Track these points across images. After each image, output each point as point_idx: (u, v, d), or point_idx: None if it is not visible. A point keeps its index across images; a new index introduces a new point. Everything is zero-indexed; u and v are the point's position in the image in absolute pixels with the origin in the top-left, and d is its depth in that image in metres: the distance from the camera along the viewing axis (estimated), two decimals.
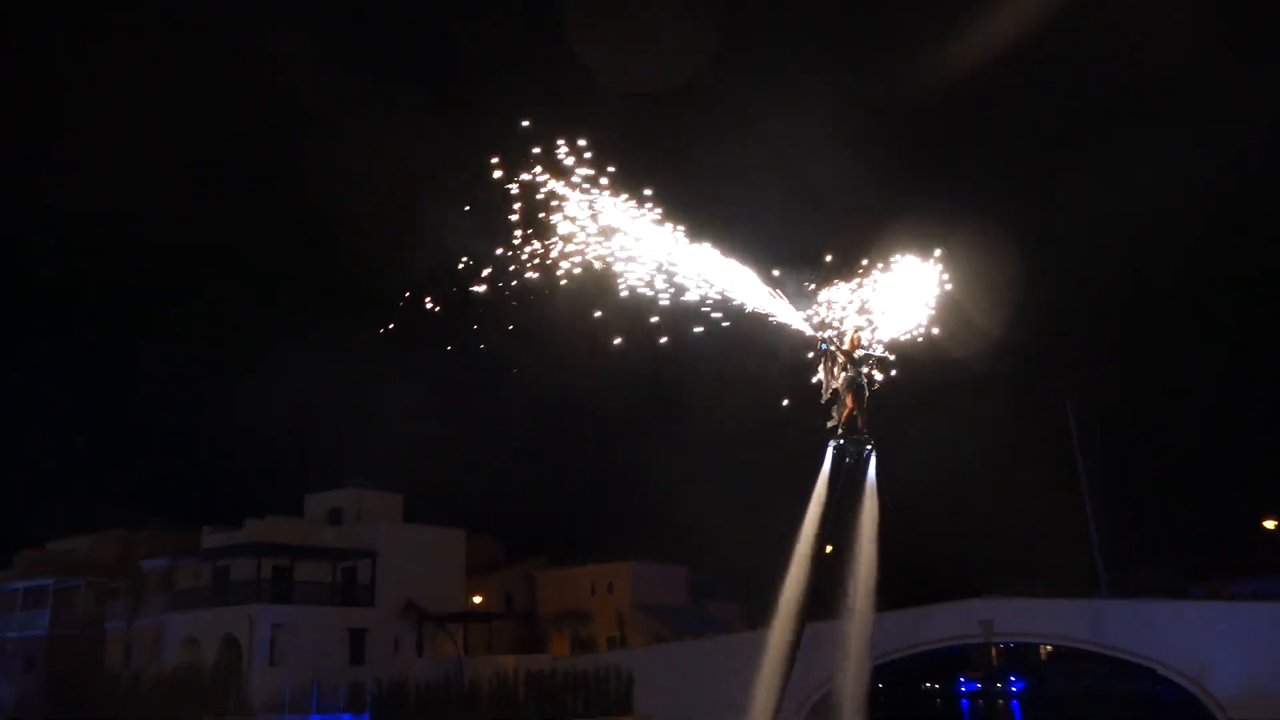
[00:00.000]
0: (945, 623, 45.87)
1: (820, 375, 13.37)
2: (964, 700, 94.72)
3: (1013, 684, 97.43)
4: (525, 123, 13.87)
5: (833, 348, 12.77)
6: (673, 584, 67.01)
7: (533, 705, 46.06)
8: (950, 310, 13.86)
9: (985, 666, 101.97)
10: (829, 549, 14.05)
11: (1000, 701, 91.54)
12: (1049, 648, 73.80)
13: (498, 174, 13.83)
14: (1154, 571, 78.67)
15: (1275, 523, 59.34)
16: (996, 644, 58.50)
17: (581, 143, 13.80)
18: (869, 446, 13.02)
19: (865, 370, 12.89)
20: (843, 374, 12.95)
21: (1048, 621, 46.04)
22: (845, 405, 12.97)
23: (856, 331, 12.99)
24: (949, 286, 13.76)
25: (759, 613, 67.91)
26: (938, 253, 13.77)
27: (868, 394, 13.03)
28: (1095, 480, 50.94)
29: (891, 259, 13.79)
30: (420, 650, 52.24)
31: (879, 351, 13.01)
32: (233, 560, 50.42)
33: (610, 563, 64.53)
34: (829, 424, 13.60)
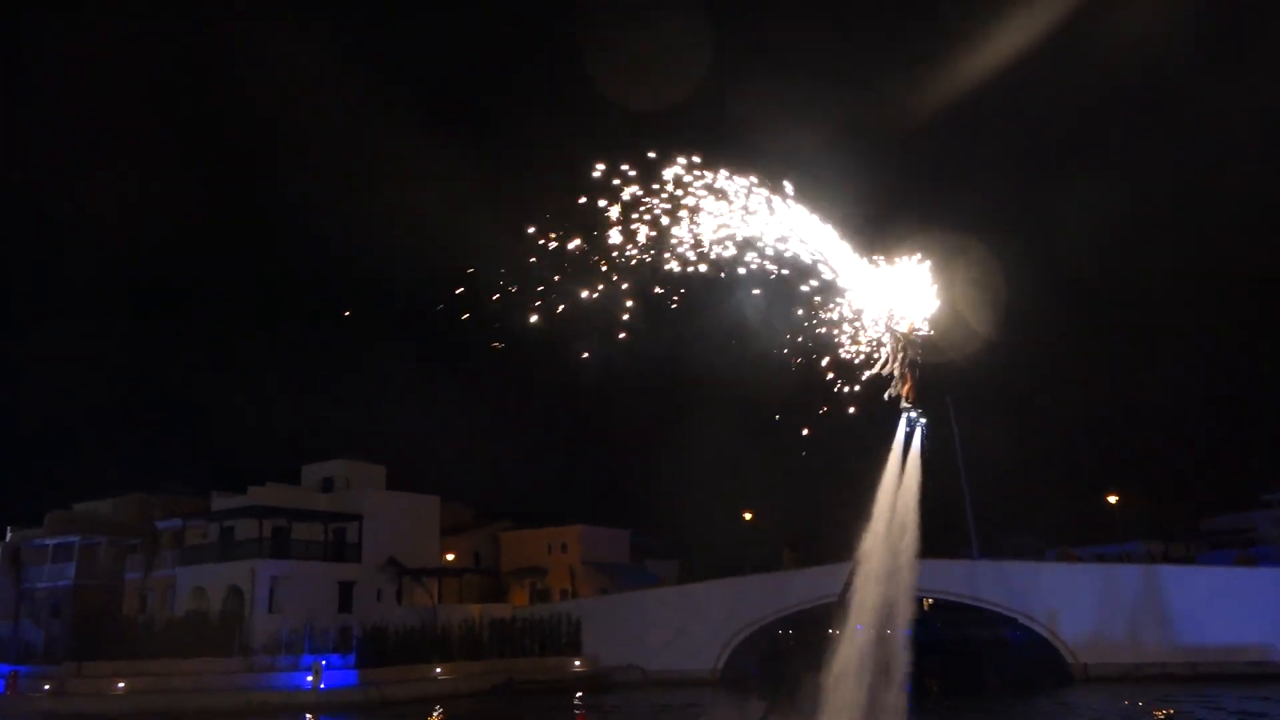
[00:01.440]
0: (845, 577, 46.53)
1: (885, 354, 13.29)
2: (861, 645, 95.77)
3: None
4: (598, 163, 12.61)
5: (899, 330, 12.88)
6: (618, 544, 67.24)
7: (495, 647, 46.07)
8: (946, 312, 13.58)
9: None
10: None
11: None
12: (931, 600, 75.12)
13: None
14: (1018, 539, 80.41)
15: (1116, 498, 60.96)
16: None
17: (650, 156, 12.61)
18: (923, 418, 13.16)
19: (916, 352, 13.03)
20: (901, 353, 13.05)
21: (931, 578, 46.84)
22: (906, 381, 13.01)
23: (910, 319, 13.03)
24: (935, 289, 13.27)
25: (690, 570, 68.62)
26: (922, 259, 13.25)
27: (918, 373, 13.01)
28: (973, 464, 51.97)
29: (894, 259, 13.24)
30: (400, 600, 52.00)
31: (923, 334, 13.06)
32: (237, 521, 49.92)
33: (564, 526, 64.61)
34: (887, 395, 13.50)
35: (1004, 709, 32.50)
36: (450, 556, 59.78)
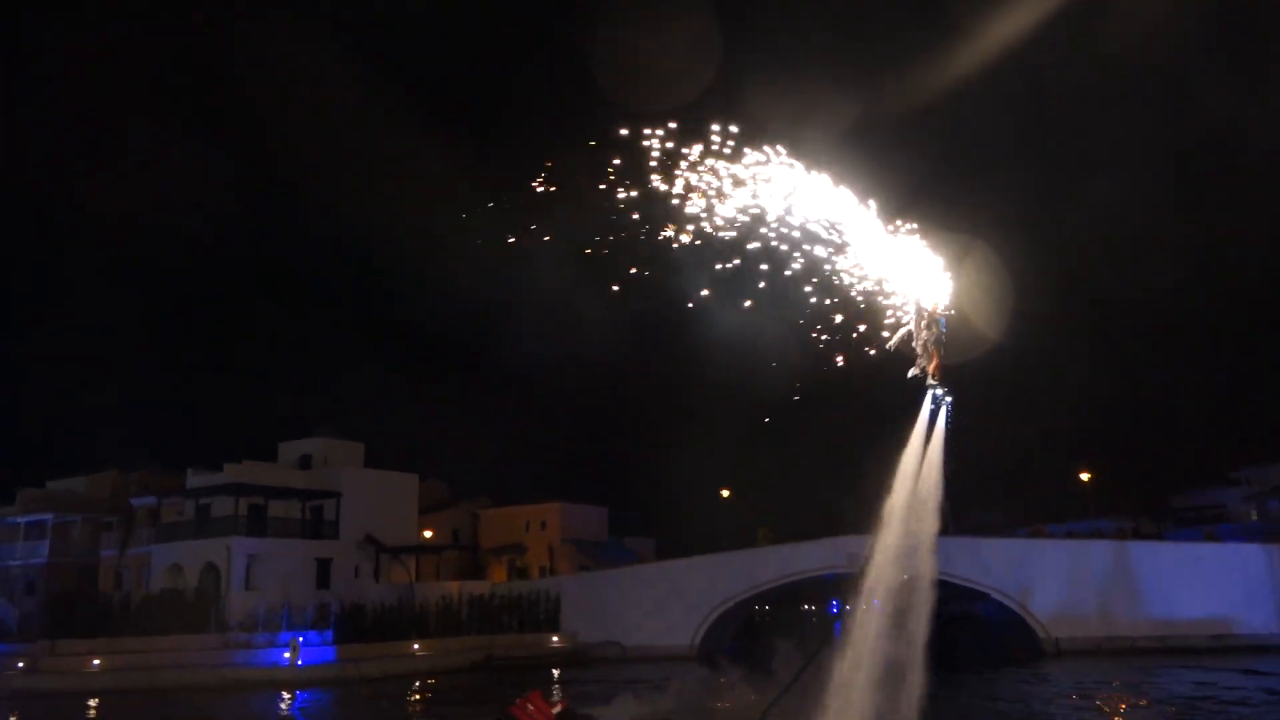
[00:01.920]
0: (820, 555, 47.01)
1: (909, 331, 13.24)
2: (836, 621, 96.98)
3: (875, 605, 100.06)
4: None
5: (926, 307, 12.94)
6: (597, 521, 67.49)
7: (474, 623, 46.21)
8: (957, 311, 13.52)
9: (852, 592, 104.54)
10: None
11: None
12: (904, 576, 75.84)
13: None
14: (989, 515, 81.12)
15: (1088, 476, 61.71)
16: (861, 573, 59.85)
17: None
18: (949, 396, 13.15)
19: (940, 331, 13.01)
20: (925, 332, 13.06)
21: (905, 554, 47.40)
22: (933, 359, 13.09)
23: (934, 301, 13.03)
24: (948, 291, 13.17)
25: (668, 547, 68.73)
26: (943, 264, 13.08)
27: (943, 350, 13.01)
28: (948, 442, 52.26)
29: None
30: (377, 577, 52.05)
31: (945, 314, 13.05)
32: (213, 499, 49.68)
33: (543, 503, 64.75)
34: (910, 374, 13.44)
35: (980, 683, 32.97)
36: (428, 534, 59.81)
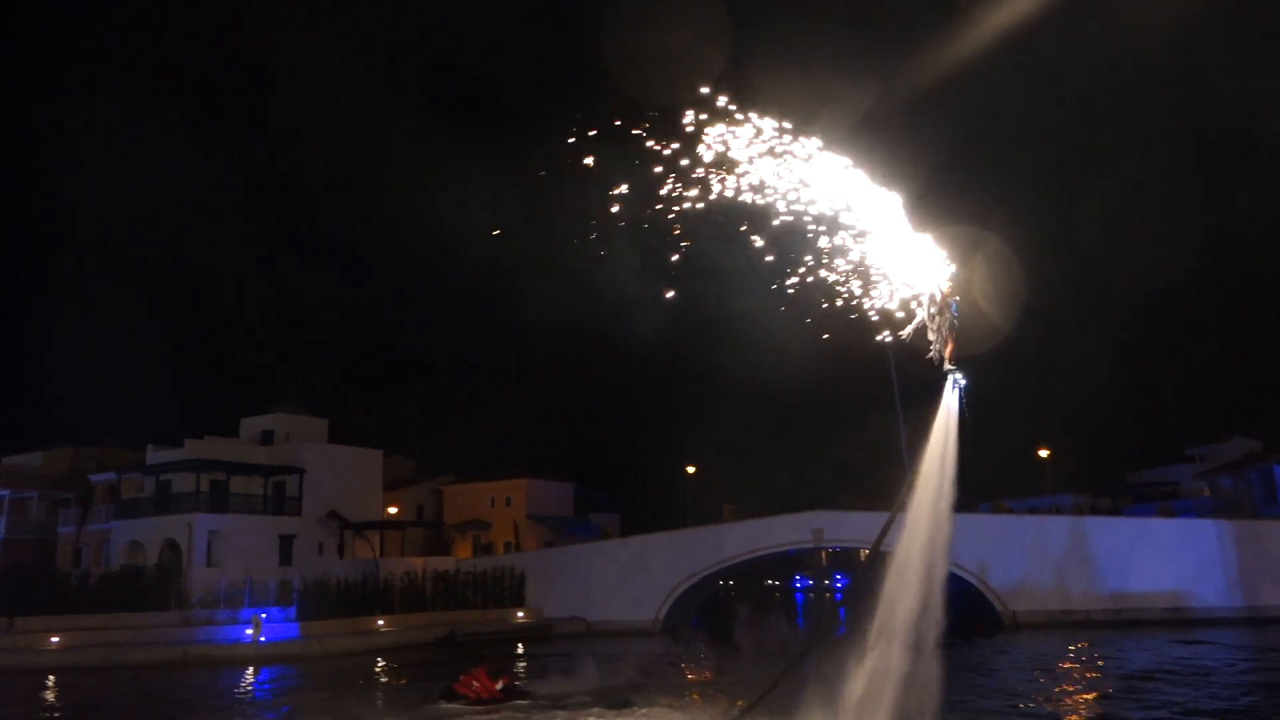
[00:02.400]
0: (785, 531, 47.41)
1: (923, 316, 13.04)
2: (799, 594, 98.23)
3: (837, 580, 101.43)
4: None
5: (941, 292, 12.84)
6: (562, 497, 67.54)
7: (438, 599, 46.13)
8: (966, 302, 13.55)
9: (816, 567, 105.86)
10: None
11: (827, 595, 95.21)
12: (867, 550, 76.87)
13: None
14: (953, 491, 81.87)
15: (1048, 452, 62.64)
16: (825, 548, 60.68)
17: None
18: (964, 379, 13.12)
19: (953, 316, 12.99)
20: (937, 317, 12.95)
21: (867, 529, 47.85)
22: (947, 342, 13.00)
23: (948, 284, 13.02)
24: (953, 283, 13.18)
25: (633, 523, 69.10)
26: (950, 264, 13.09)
27: (955, 333, 12.97)
28: (911, 418, 52.83)
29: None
30: (341, 553, 51.80)
31: (955, 300, 12.96)
32: (174, 475, 49.10)
33: (508, 479, 64.67)
34: (928, 356, 13.31)
35: (943, 655, 33.51)
36: (393, 510, 59.55)
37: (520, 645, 40.46)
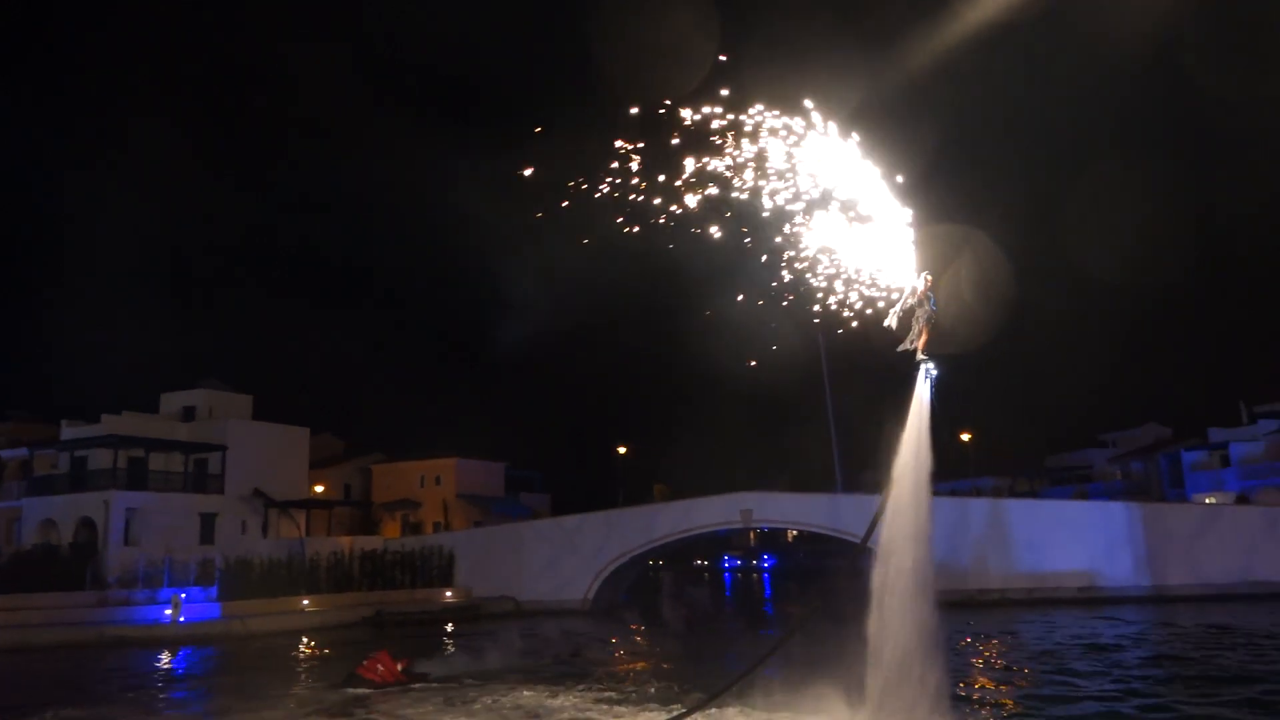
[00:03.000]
0: (714, 511, 47.93)
1: (905, 306, 13.57)
2: (727, 574, 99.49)
3: (765, 560, 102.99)
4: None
5: (921, 287, 13.45)
6: (492, 477, 67.27)
7: (366, 579, 45.68)
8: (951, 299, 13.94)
9: (745, 547, 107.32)
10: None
11: (755, 575, 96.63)
12: (795, 532, 78.23)
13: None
14: (879, 474, 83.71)
15: (969, 435, 64.26)
16: (754, 528, 61.53)
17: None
18: (935, 367, 13.80)
19: (931, 310, 13.53)
20: (916, 309, 13.51)
21: (795, 510, 48.78)
22: (922, 333, 13.60)
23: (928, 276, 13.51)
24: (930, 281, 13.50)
25: (563, 503, 69.15)
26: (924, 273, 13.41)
27: (931, 325, 13.60)
28: (840, 404, 53.85)
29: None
30: (265, 532, 50.92)
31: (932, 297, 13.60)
32: (90, 451, 47.65)
33: (438, 459, 64.16)
34: (900, 349, 13.80)
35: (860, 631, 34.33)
36: (319, 489, 58.69)
37: (449, 625, 40.31)
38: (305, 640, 33.96)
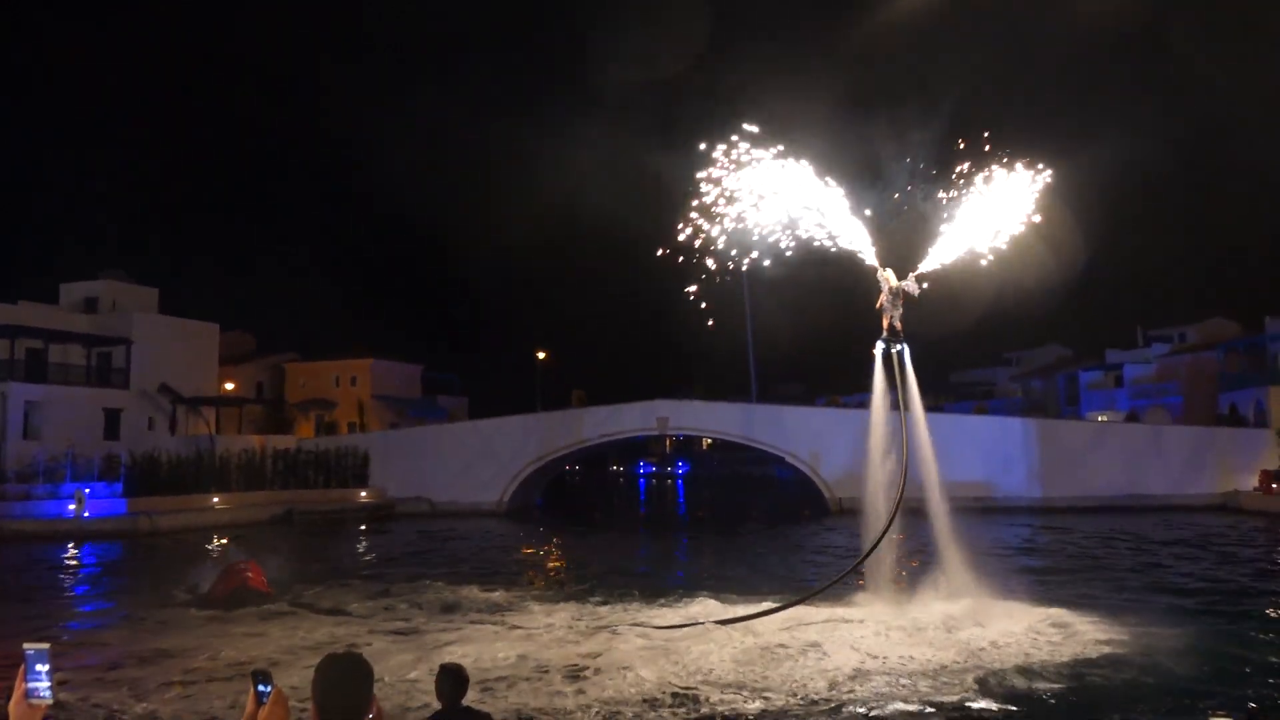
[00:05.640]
0: (632, 418, 48.43)
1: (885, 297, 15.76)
2: (642, 480, 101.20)
3: (679, 467, 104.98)
4: None
5: (886, 281, 15.61)
6: (409, 379, 66.68)
7: (278, 479, 45.13)
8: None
9: (660, 454, 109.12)
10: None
11: (669, 481, 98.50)
12: (710, 440, 79.73)
13: None
14: (792, 387, 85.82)
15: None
16: (670, 435, 62.43)
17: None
18: (904, 345, 16.20)
19: (903, 294, 15.76)
20: (887, 297, 15.72)
21: (710, 419, 49.61)
22: (885, 319, 15.85)
23: (887, 271, 15.67)
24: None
25: (481, 407, 69.05)
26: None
27: (901, 311, 15.80)
28: (757, 324, 54.69)
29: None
30: (173, 430, 49.69)
31: (910, 286, 15.73)
32: None
33: (354, 359, 63.18)
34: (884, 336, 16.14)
35: (771, 535, 35.43)
36: (230, 386, 57.39)
37: (362, 525, 40.28)
38: (215, 537, 33.59)
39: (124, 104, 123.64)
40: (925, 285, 15.95)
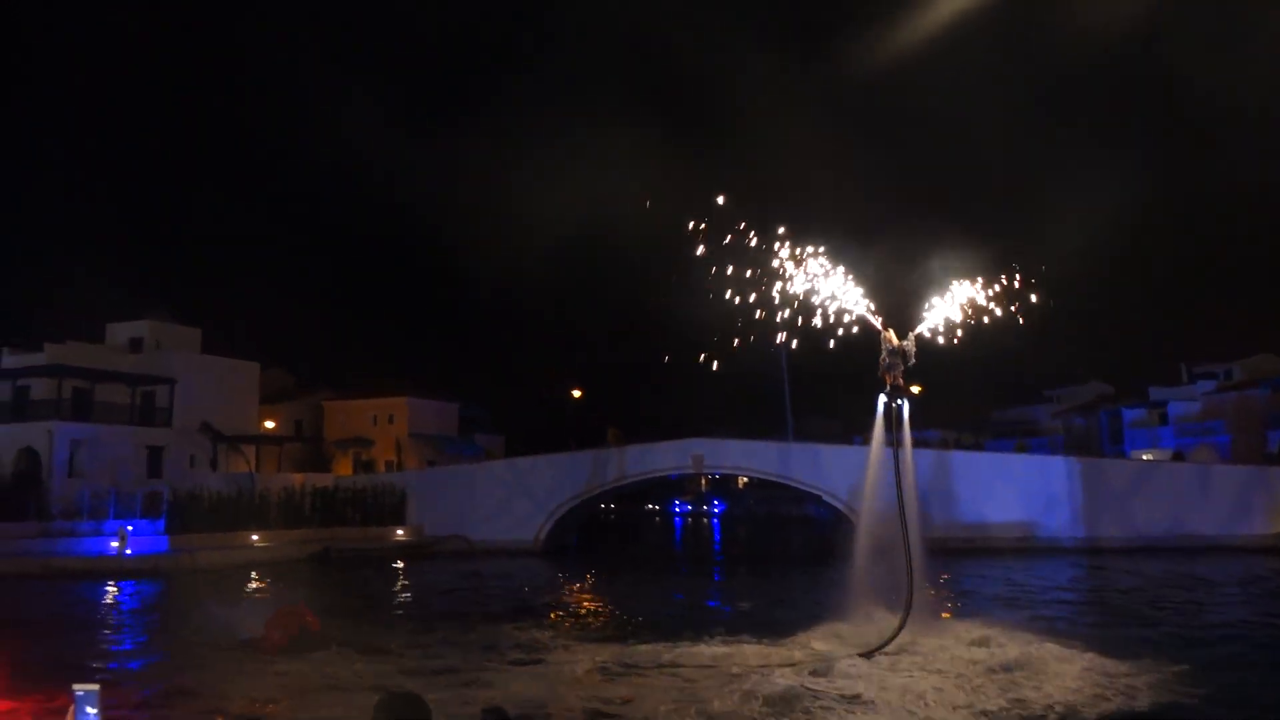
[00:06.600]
0: (668, 457, 48.34)
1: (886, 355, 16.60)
2: (678, 519, 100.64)
3: (715, 505, 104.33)
4: None
5: (889, 340, 16.51)
6: (446, 417, 67.11)
7: (317, 516, 45.46)
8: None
9: (695, 492, 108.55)
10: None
11: (705, 520, 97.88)
12: (745, 478, 79.27)
13: None
14: (827, 424, 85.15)
15: (918, 389, 65.22)
16: (705, 474, 62.20)
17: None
18: (904, 401, 17.12)
19: (904, 354, 16.64)
20: (887, 358, 16.57)
21: (746, 458, 49.35)
22: (886, 377, 16.73)
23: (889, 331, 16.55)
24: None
25: (517, 444, 69.12)
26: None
27: (903, 368, 16.68)
28: (792, 364, 54.60)
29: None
30: (215, 467, 50.35)
31: (910, 346, 16.60)
32: (32, 380, 46.58)
33: (391, 397, 63.78)
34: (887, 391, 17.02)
35: (800, 573, 35.06)
36: (270, 424, 58.11)
37: (401, 563, 40.42)
38: (254, 574, 33.87)
39: (172, 150, 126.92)
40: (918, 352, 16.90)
